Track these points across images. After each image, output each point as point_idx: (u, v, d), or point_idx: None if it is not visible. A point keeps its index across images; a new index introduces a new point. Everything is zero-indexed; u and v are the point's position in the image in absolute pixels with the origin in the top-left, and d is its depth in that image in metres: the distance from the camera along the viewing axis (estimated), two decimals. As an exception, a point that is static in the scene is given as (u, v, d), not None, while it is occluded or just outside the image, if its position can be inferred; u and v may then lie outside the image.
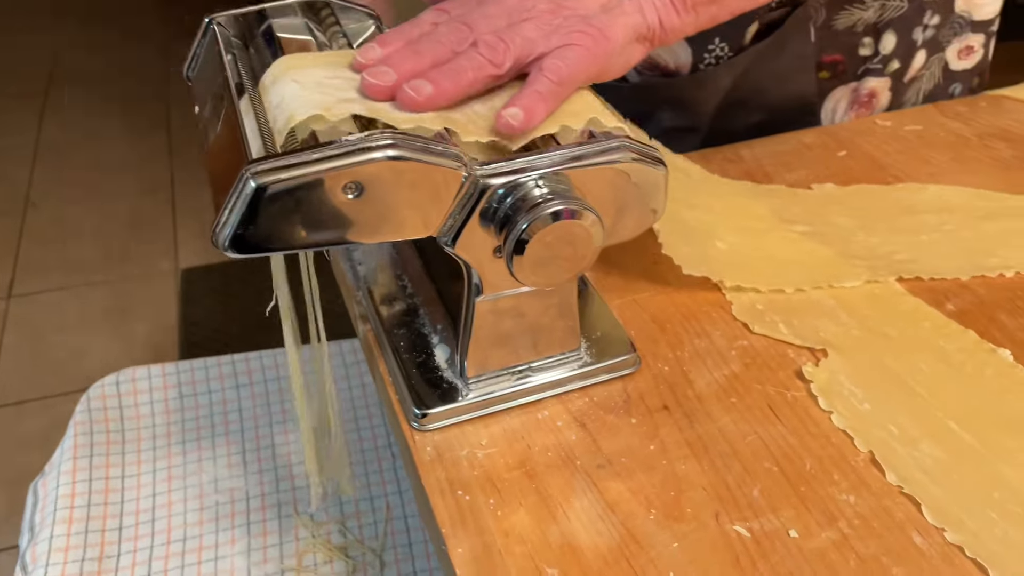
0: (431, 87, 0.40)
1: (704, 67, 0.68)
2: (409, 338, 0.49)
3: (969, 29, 0.73)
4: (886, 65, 0.71)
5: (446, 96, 0.40)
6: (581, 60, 0.42)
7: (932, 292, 0.52)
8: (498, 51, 0.41)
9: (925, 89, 0.74)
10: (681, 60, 0.68)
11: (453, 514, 0.41)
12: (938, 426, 0.44)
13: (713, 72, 0.68)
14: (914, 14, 0.69)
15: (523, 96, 0.41)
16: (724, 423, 0.45)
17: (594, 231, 0.40)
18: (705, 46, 0.67)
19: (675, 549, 0.39)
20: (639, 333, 0.50)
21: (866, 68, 0.71)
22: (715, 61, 0.68)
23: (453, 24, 0.43)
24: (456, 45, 0.42)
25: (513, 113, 0.40)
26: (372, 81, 0.40)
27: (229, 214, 0.35)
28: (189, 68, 0.46)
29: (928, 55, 0.72)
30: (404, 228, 0.38)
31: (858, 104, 0.72)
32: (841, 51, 0.69)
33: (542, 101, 0.41)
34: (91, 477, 0.74)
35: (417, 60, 0.41)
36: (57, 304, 1.74)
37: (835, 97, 0.72)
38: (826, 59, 0.69)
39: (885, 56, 0.70)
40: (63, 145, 2.21)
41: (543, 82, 0.41)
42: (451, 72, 0.41)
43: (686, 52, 0.68)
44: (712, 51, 0.67)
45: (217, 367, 0.84)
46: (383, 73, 0.40)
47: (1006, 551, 0.39)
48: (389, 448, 0.78)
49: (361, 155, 0.35)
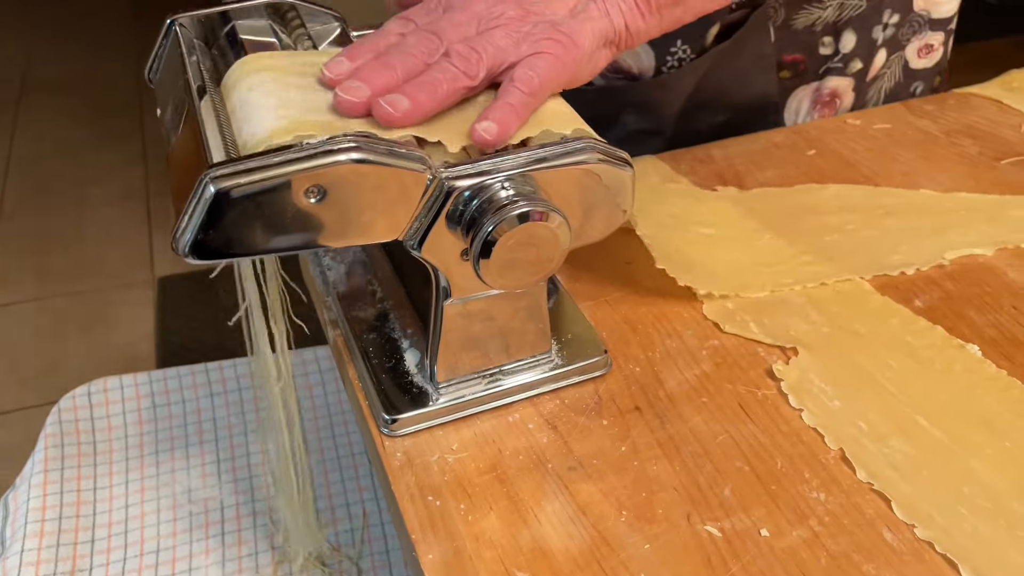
0: (407, 102, 0.39)
1: (667, 70, 0.69)
2: (379, 343, 0.49)
3: (928, 27, 0.73)
4: (847, 64, 0.71)
5: (423, 110, 0.40)
6: (552, 69, 0.42)
7: (900, 289, 0.53)
8: (471, 62, 0.41)
9: (887, 88, 0.75)
10: (644, 64, 0.69)
11: (423, 520, 0.40)
12: (907, 422, 0.44)
13: (676, 74, 0.68)
14: (873, 13, 0.70)
15: (496, 109, 0.41)
16: (695, 423, 0.45)
17: (561, 232, 0.40)
18: (667, 49, 0.68)
19: (647, 551, 0.39)
20: (611, 334, 0.50)
21: (827, 67, 0.71)
22: (678, 64, 0.68)
23: (421, 34, 0.43)
24: (427, 56, 0.42)
25: (486, 127, 0.40)
26: (346, 98, 0.39)
27: (189, 219, 0.34)
28: (151, 70, 0.46)
29: (888, 54, 0.73)
30: (369, 232, 0.38)
31: (821, 104, 0.73)
32: (801, 50, 0.70)
33: (515, 114, 0.41)
34: (62, 489, 0.73)
35: (389, 73, 0.41)
36: (32, 315, 1.72)
37: (798, 96, 0.72)
38: (787, 59, 0.70)
39: (846, 55, 0.71)
40: (36, 155, 2.18)
41: (515, 94, 0.41)
42: (426, 85, 0.40)
43: (649, 56, 0.68)
44: (675, 53, 0.68)
45: (191, 376, 0.83)
46: (356, 88, 0.40)
47: (976, 546, 0.39)
48: (365, 454, 0.77)
49: (323, 158, 0.35)
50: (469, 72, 0.41)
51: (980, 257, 0.55)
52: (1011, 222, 0.58)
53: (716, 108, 0.72)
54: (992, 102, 0.71)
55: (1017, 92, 0.72)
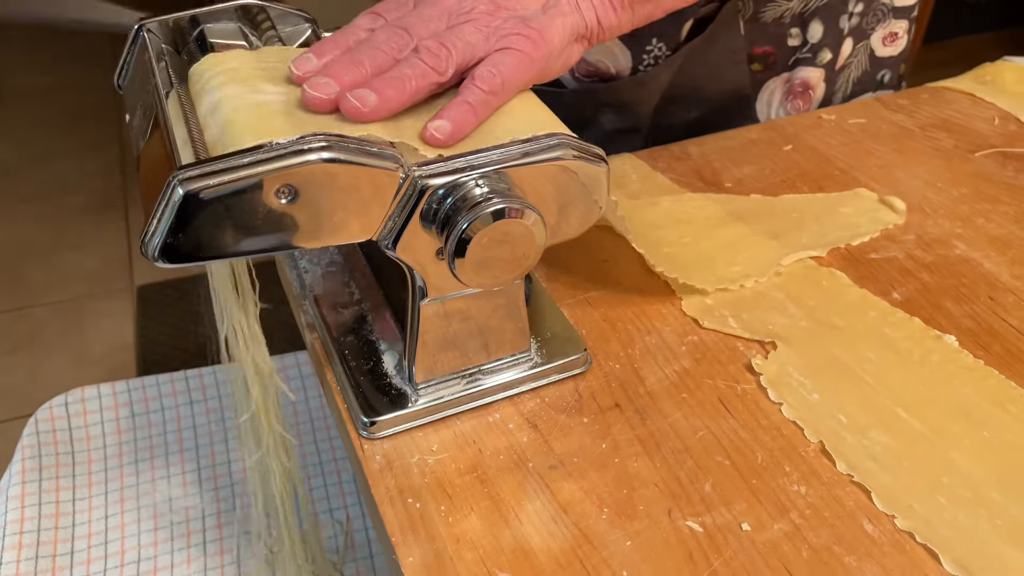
0: (375, 97, 0.39)
1: (644, 68, 0.69)
2: (357, 345, 0.48)
3: (892, 15, 0.74)
4: (816, 55, 0.72)
5: (390, 106, 0.40)
6: (518, 66, 0.42)
7: (878, 282, 0.53)
8: (440, 57, 0.41)
9: (854, 77, 0.76)
10: (621, 63, 0.69)
11: (403, 522, 0.40)
12: (887, 414, 0.44)
13: (653, 72, 0.69)
14: (839, 2, 0.71)
15: (452, 108, 0.40)
16: (675, 419, 0.45)
17: (536, 230, 0.39)
18: (644, 47, 0.68)
19: (628, 548, 0.39)
20: (590, 332, 0.50)
21: (796, 58, 0.72)
22: (654, 61, 0.68)
23: (391, 29, 0.43)
24: (396, 52, 0.42)
25: (439, 126, 0.39)
26: (313, 94, 0.39)
27: (158, 223, 0.34)
28: (120, 76, 0.45)
29: (855, 43, 0.74)
30: (343, 232, 0.37)
31: (792, 95, 0.73)
32: (771, 42, 0.70)
33: (472, 113, 0.40)
34: (41, 501, 0.72)
35: (357, 69, 0.40)
36: (9, 326, 1.69)
37: (769, 88, 0.72)
38: (757, 51, 0.70)
39: (814, 45, 0.71)
40: (12, 164, 2.16)
41: (475, 92, 0.41)
42: (394, 80, 0.40)
43: (626, 55, 0.69)
44: (650, 51, 0.68)
45: (170, 383, 0.82)
46: (324, 85, 0.39)
47: (956, 536, 0.39)
48: (347, 459, 0.77)
49: (294, 158, 0.34)
50: (438, 68, 0.41)
51: (956, 248, 0.55)
52: (840, 218, 0.58)
53: (690, 103, 0.72)
54: (966, 96, 0.72)
55: (990, 86, 0.73)
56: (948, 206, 0.59)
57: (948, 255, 0.55)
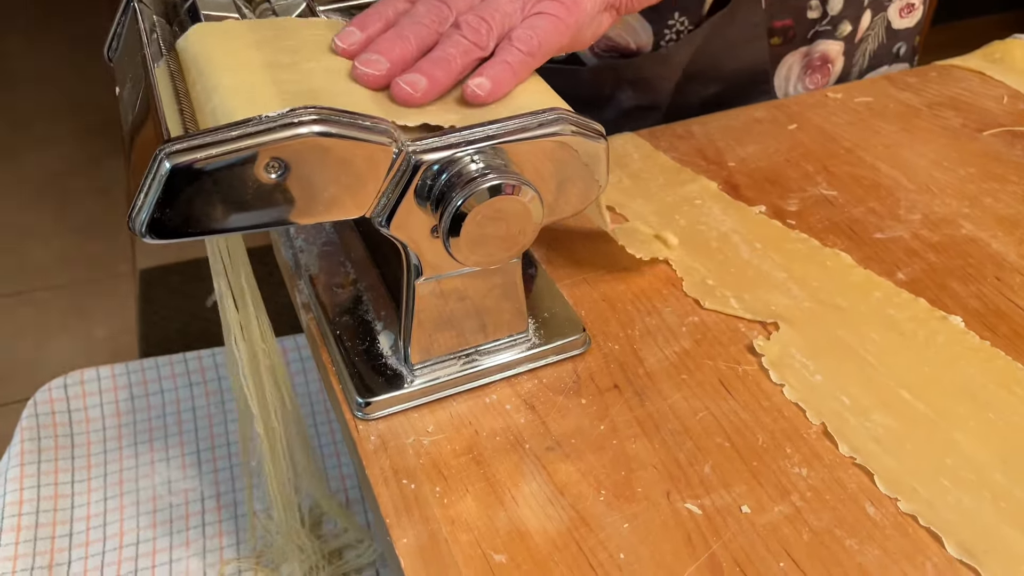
0: (425, 81, 0.39)
1: (665, 43, 0.67)
2: (353, 326, 0.47)
3: None
4: (836, 27, 0.70)
5: (440, 87, 0.40)
6: (553, 30, 0.42)
7: (883, 262, 0.52)
8: (481, 32, 0.41)
9: (871, 50, 0.74)
10: (642, 39, 0.67)
11: (398, 503, 0.39)
12: (890, 395, 0.44)
13: (675, 47, 0.67)
14: None
15: (492, 66, 0.40)
16: (675, 400, 0.44)
17: (533, 207, 0.39)
18: (665, 22, 0.66)
19: (626, 530, 0.38)
20: (589, 313, 0.49)
21: (816, 31, 0.70)
22: (676, 36, 0.67)
23: (429, 2, 0.43)
24: (438, 25, 0.42)
25: (479, 83, 0.39)
26: (366, 71, 0.39)
27: (145, 197, 0.33)
28: (110, 48, 0.44)
29: (873, 15, 0.72)
30: (334, 208, 0.37)
31: (811, 69, 0.72)
32: (791, 15, 0.69)
33: (511, 72, 0.40)
34: (39, 483, 0.71)
35: (404, 45, 0.41)
36: (12, 309, 1.69)
37: (787, 63, 0.71)
38: (777, 24, 0.69)
39: (834, 17, 0.70)
40: (13, 148, 2.15)
41: (513, 53, 0.41)
42: (441, 62, 0.40)
43: (647, 30, 0.67)
44: (672, 26, 0.67)
45: (169, 366, 0.82)
46: (375, 62, 0.40)
47: (959, 519, 0.38)
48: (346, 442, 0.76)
49: (283, 131, 0.34)
50: (480, 43, 0.41)
51: (963, 228, 0.54)
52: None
53: (708, 79, 0.71)
54: (974, 74, 0.71)
55: (999, 64, 0.72)
56: (955, 185, 0.58)
57: (955, 235, 0.54)
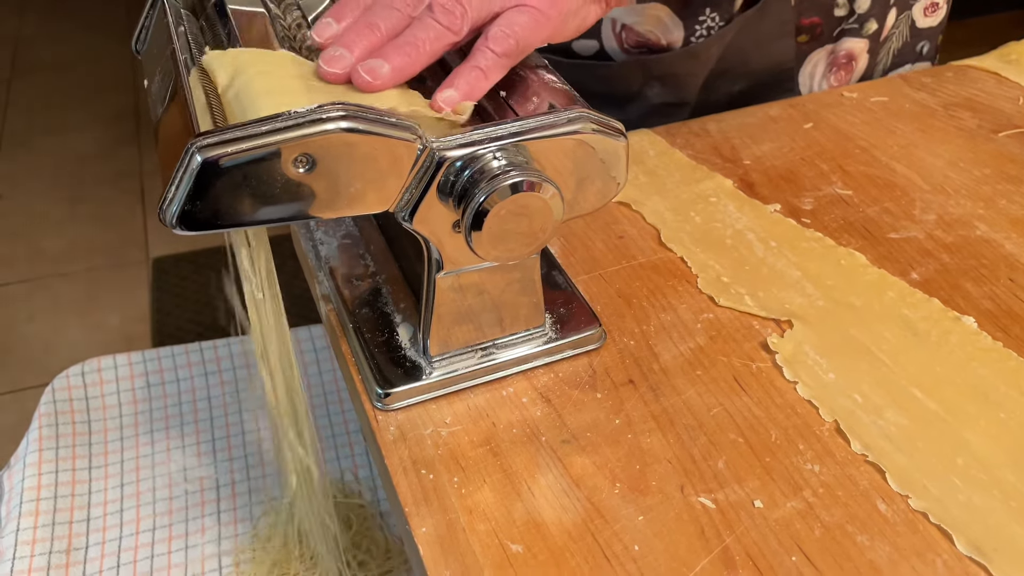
0: (387, 66, 0.39)
1: (696, 39, 0.67)
2: (372, 318, 0.48)
3: None
4: (863, 26, 0.71)
5: (404, 73, 0.39)
6: (532, 26, 0.41)
7: (897, 262, 0.52)
8: (456, 15, 0.40)
9: (895, 48, 0.74)
10: (673, 35, 0.67)
11: (416, 493, 0.40)
12: (903, 394, 0.44)
13: (705, 43, 0.67)
14: None
15: (461, 74, 0.39)
16: (689, 396, 0.44)
17: (553, 204, 0.39)
18: (696, 18, 0.66)
19: (640, 522, 0.39)
20: (605, 308, 0.50)
21: (842, 29, 0.71)
22: (707, 32, 0.67)
23: None
24: (411, 9, 0.41)
25: (447, 96, 0.39)
26: (328, 69, 0.39)
27: (176, 190, 0.34)
28: (138, 40, 0.45)
29: (898, 13, 0.72)
30: (359, 203, 0.37)
31: (836, 67, 0.72)
32: (818, 13, 0.69)
33: (483, 78, 0.40)
34: (57, 469, 0.73)
35: (372, 34, 0.40)
36: (26, 296, 1.71)
37: (812, 61, 0.71)
38: (804, 22, 0.69)
39: (861, 16, 0.70)
40: (29, 136, 2.17)
41: (486, 56, 0.40)
42: (406, 46, 0.39)
43: (677, 26, 0.67)
44: (703, 22, 0.66)
45: (185, 355, 0.83)
46: (339, 58, 0.39)
47: (970, 517, 0.39)
48: (360, 433, 0.77)
49: (311, 127, 0.34)
50: (452, 27, 0.40)
51: (977, 229, 0.55)
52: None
53: (736, 76, 0.71)
54: (990, 75, 0.71)
55: (1015, 65, 0.72)
56: (970, 186, 0.58)
57: (969, 236, 0.54)
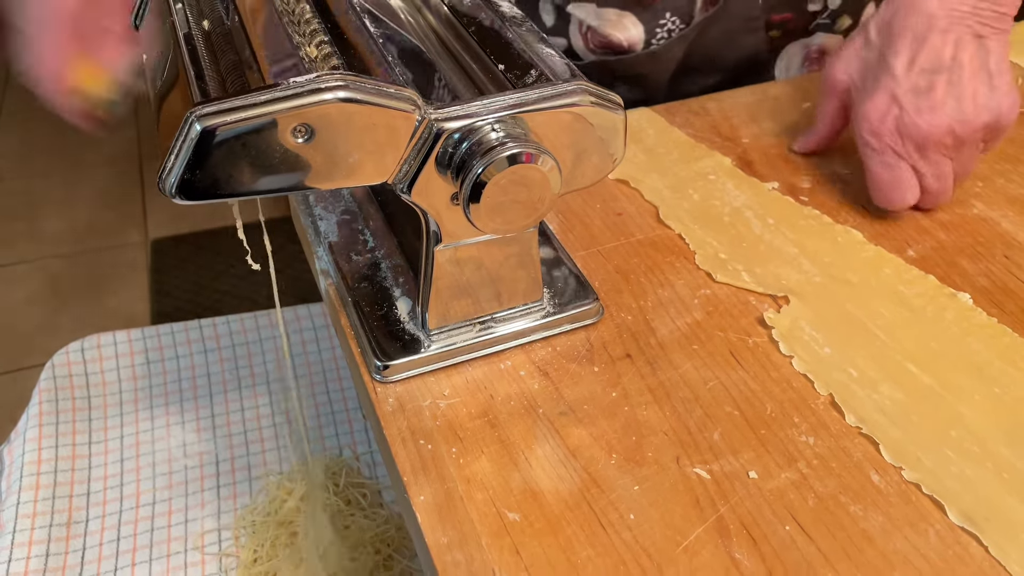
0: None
1: (657, 41, 0.68)
2: (371, 291, 0.48)
3: None
4: (835, 21, 0.71)
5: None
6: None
7: (894, 239, 0.53)
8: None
9: None
10: (634, 37, 0.68)
11: (415, 462, 0.40)
12: (897, 369, 0.45)
13: (666, 45, 0.68)
14: None
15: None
16: (686, 369, 0.45)
17: (551, 176, 0.39)
18: (657, 21, 0.67)
19: (636, 492, 0.39)
20: (603, 283, 0.50)
21: (817, 24, 0.71)
22: (667, 35, 0.68)
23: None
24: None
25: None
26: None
27: (175, 159, 0.34)
28: (136, 16, 0.45)
29: (876, 6, 0.72)
30: (357, 174, 0.37)
31: (810, 60, 0.72)
32: (790, 9, 0.69)
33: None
34: (58, 443, 0.73)
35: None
36: (26, 277, 1.71)
37: (788, 53, 0.72)
38: (775, 19, 0.69)
39: (834, 11, 0.70)
40: (28, 117, 2.16)
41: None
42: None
43: (638, 29, 0.68)
44: (663, 25, 0.67)
45: (184, 332, 0.83)
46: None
47: (962, 488, 0.39)
48: (360, 409, 0.78)
49: (310, 96, 0.34)
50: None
51: (974, 207, 0.55)
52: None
53: (707, 71, 0.72)
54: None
55: (1015, 46, 0.71)
56: (968, 165, 0.58)
57: (965, 214, 0.54)
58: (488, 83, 0.43)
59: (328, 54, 0.39)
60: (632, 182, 0.58)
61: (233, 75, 0.37)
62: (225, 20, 0.42)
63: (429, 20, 0.49)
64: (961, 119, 0.50)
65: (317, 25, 0.41)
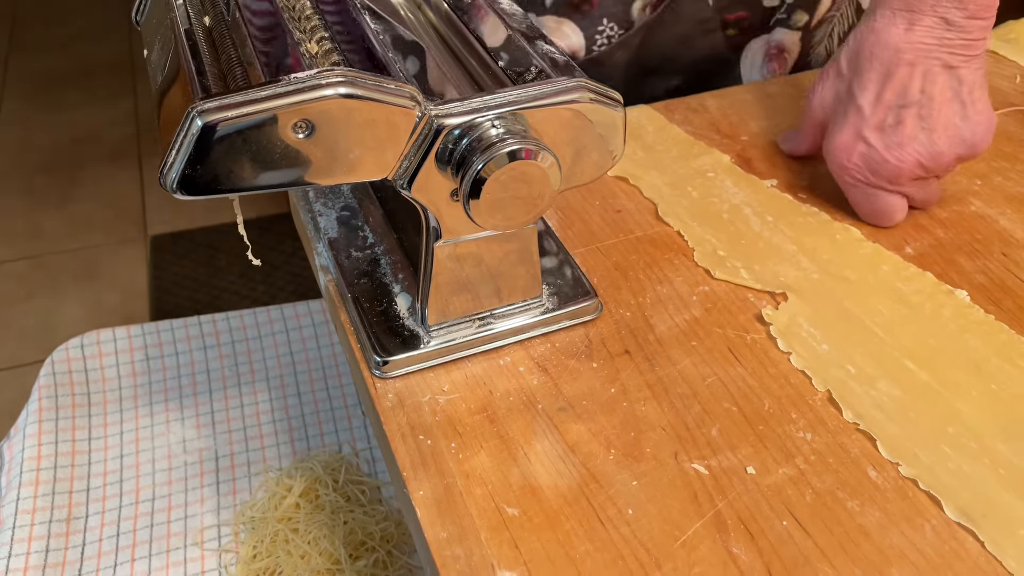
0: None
1: (598, 47, 0.68)
2: (370, 288, 0.49)
3: None
4: (791, 16, 0.71)
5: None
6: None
7: (892, 237, 0.53)
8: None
9: (839, 31, 0.74)
10: (574, 44, 0.68)
11: (414, 457, 0.41)
12: (895, 365, 0.45)
13: (608, 50, 0.68)
14: None
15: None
16: (684, 366, 0.45)
17: (551, 172, 0.40)
18: (595, 28, 0.67)
19: (634, 487, 0.39)
20: (602, 280, 0.50)
21: (776, 19, 0.71)
22: (607, 41, 0.68)
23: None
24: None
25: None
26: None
27: (176, 154, 0.34)
28: (138, 11, 0.45)
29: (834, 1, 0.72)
30: (358, 169, 0.38)
31: (770, 58, 0.72)
32: (744, 8, 0.69)
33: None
34: (57, 439, 0.73)
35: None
36: (25, 273, 1.71)
37: (752, 49, 0.72)
38: (729, 17, 0.69)
39: (790, 5, 0.70)
40: (27, 114, 2.16)
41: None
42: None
43: (578, 36, 0.68)
44: (602, 31, 0.67)
45: (183, 328, 0.83)
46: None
47: (958, 483, 0.39)
48: (359, 406, 0.78)
49: (311, 92, 0.35)
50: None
51: (972, 205, 0.55)
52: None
53: (666, 73, 0.72)
54: (988, 53, 0.71)
55: (1013, 44, 0.72)
56: (966, 163, 0.58)
57: (963, 211, 0.55)
58: (488, 79, 0.43)
59: (329, 50, 0.40)
60: (631, 179, 0.58)
61: (234, 71, 0.38)
62: (226, 16, 0.42)
63: (429, 16, 0.49)
64: (932, 152, 0.50)
65: (318, 21, 0.41)
